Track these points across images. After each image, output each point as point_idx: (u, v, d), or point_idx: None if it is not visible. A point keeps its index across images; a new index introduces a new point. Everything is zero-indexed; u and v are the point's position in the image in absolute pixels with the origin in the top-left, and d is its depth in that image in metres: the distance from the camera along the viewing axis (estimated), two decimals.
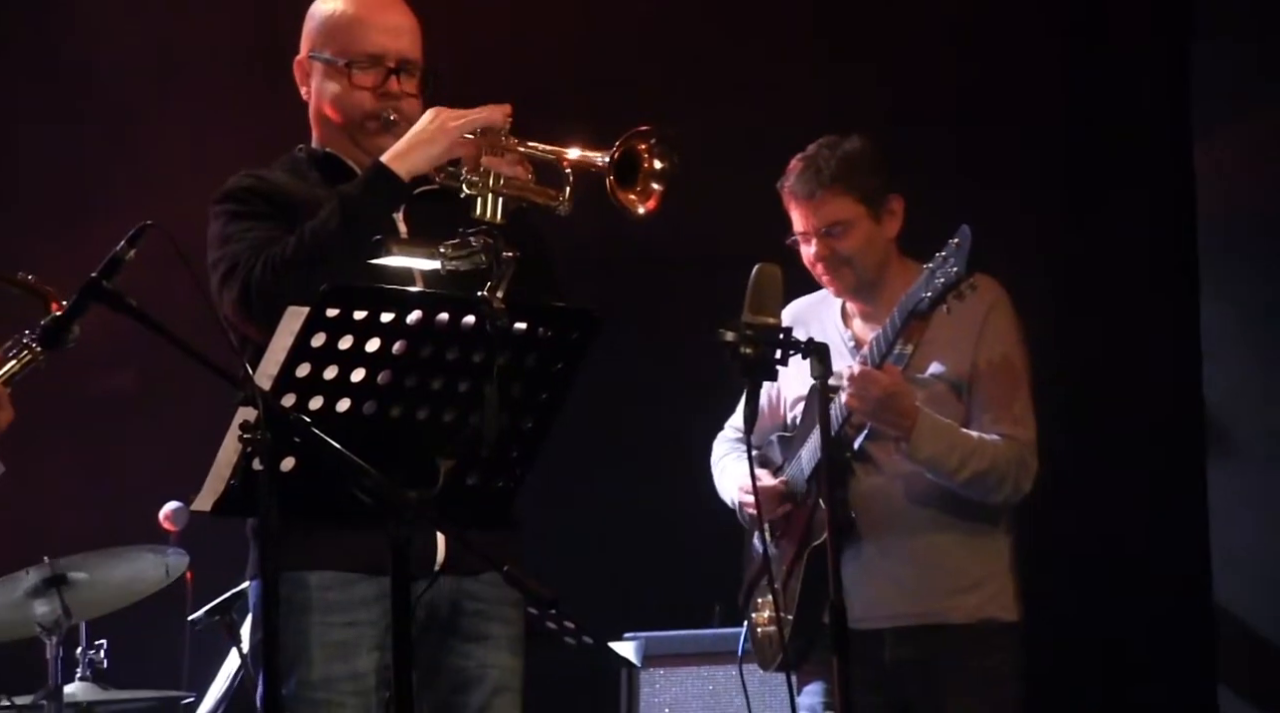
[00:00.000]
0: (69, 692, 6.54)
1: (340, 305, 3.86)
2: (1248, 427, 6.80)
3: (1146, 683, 7.13)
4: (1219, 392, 6.86)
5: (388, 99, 4.75)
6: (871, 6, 7.49)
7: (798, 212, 5.69)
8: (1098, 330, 7.24)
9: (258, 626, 4.92)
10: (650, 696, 6.69)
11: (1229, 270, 6.90)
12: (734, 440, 5.96)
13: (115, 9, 7.63)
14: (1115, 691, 7.16)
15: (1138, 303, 7.21)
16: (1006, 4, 7.42)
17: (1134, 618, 7.14)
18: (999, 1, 7.42)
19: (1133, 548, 7.15)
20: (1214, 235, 6.93)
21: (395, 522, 3.84)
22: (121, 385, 7.33)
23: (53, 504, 7.23)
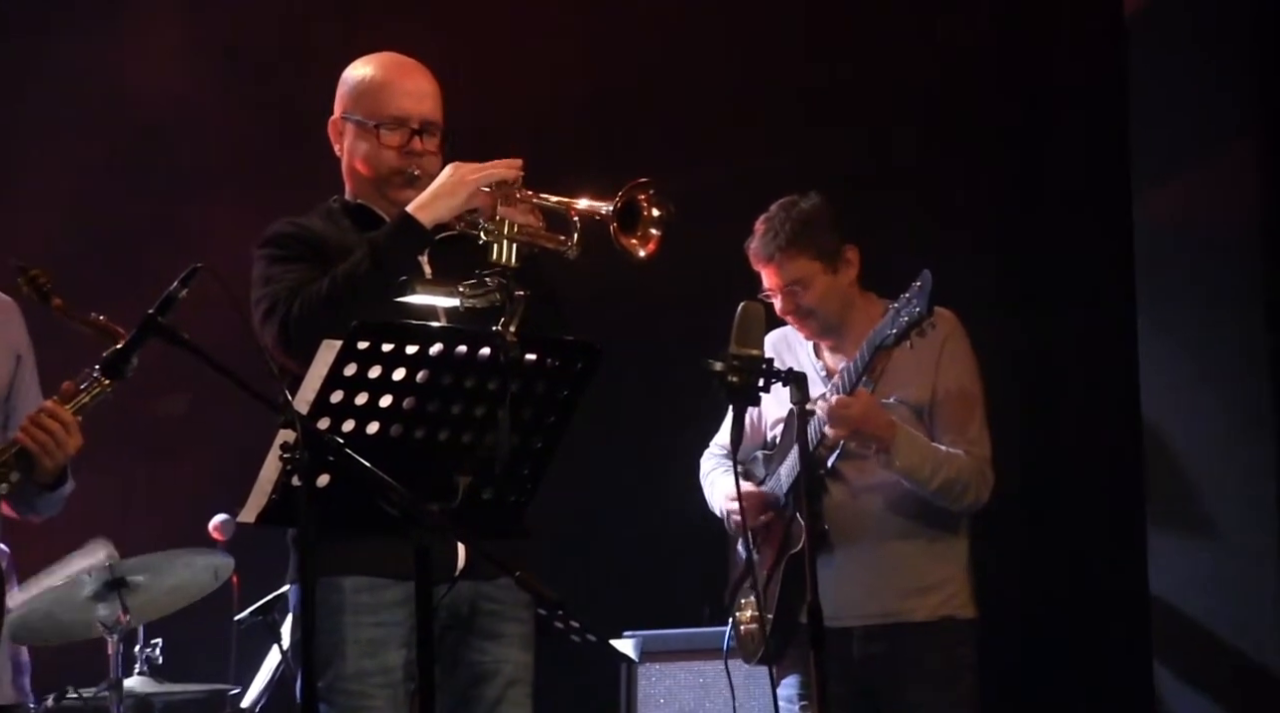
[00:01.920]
0: (128, 685, 6.51)
1: (370, 339, 3.86)
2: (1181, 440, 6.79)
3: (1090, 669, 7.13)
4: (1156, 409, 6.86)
5: (412, 157, 4.76)
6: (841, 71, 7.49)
7: (763, 271, 5.72)
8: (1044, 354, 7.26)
9: (297, 625, 4.93)
10: (647, 687, 6.68)
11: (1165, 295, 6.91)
12: (720, 456, 5.96)
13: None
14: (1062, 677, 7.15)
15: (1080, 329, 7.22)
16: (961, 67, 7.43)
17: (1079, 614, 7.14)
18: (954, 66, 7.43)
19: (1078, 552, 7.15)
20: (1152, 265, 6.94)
21: (419, 532, 3.85)
22: (174, 409, 7.32)
23: (113, 515, 7.21)
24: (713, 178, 7.04)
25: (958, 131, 7.41)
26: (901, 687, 5.61)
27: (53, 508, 4.56)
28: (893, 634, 5.61)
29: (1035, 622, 7.08)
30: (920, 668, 5.59)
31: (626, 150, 7.07)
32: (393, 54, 4.89)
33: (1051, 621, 7.16)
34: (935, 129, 7.41)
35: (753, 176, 6.87)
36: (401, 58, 4.88)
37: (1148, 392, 6.82)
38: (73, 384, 4.36)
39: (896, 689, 5.61)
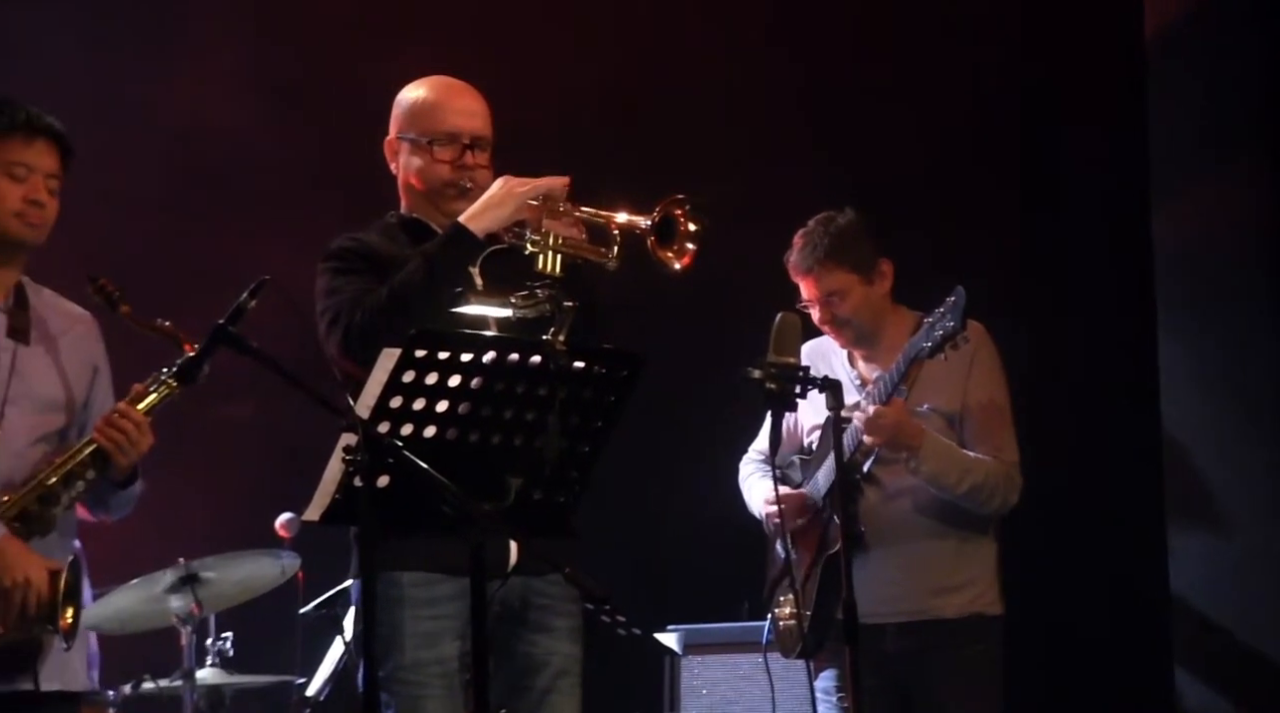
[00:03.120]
0: (201, 676, 6.53)
1: (427, 347, 3.86)
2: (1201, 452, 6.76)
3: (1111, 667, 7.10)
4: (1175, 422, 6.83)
5: (463, 171, 4.77)
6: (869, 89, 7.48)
7: (801, 283, 5.71)
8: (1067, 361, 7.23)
9: (358, 618, 4.93)
10: (689, 679, 6.67)
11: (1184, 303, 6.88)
12: (758, 462, 5.95)
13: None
14: (1084, 673, 7.12)
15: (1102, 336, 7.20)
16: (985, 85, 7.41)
17: (1101, 612, 7.12)
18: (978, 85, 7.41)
19: (1100, 553, 7.13)
20: (1171, 280, 6.92)
21: (473, 531, 3.84)
22: (243, 413, 7.33)
23: (187, 514, 7.23)
24: (748, 192, 7.03)
25: (981, 148, 7.40)
26: (932, 680, 5.59)
27: (125, 507, 4.57)
28: (924, 630, 5.59)
29: (1059, 620, 7.05)
30: (950, 663, 5.57)
31: (663, 163, 7.04)
32: (443, 77, 4.90)
33: (1075, 619, 7.14)
34: (959, 145, 7.40)
35: (786, 191, 6.86)
36: (452, 79, 4.89)
37: (1167, 396, 6.80)
38: (142, 386, 4.38)
39: (927, 683, 5.60)
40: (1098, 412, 7.22)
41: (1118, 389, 7.21)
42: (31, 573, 4.23)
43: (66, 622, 4.26)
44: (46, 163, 4.44)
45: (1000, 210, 7.40)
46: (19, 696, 4.32)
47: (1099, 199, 7.27)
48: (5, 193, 4.39)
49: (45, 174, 4.43)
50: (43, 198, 4.43)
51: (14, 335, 4.44)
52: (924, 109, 7.43)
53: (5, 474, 4.33)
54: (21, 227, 4.41)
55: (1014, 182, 7.43)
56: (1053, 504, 6.72)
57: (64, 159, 4.49)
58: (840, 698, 5.62)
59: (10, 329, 4.44)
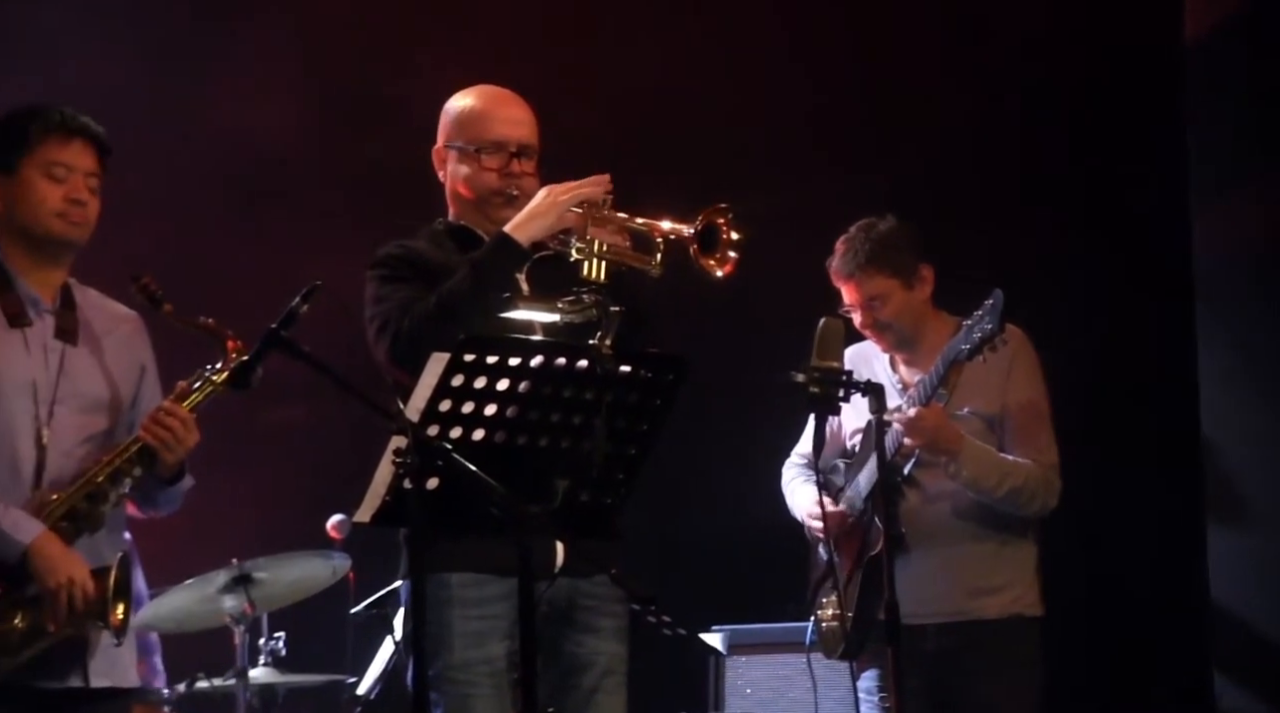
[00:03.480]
0: (254, 675, 6.54)
1: (475, 352, 3.86)
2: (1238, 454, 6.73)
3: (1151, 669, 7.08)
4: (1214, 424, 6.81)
5: (510, 178, 4.76)
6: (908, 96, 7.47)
7: (843, 288, 5.71)
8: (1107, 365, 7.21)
9: (408, 618, 4.92)
10: (734, 678, 6.67)
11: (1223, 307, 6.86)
12: (800, 466, 5.93)
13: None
14: (1123, 675, 7.10)
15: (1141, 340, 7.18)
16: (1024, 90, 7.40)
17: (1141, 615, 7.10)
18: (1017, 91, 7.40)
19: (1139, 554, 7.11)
20: (1211, 284, 6.89)
21: (521, 532, 3.84)
22: (295, 417, 7.35)
23: (240, 516, 7.25)
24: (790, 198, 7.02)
25: (1023, 152, 7.38)
26: (972, 681, 5.57)
27: (172, 503, 4.57)
28: (965, 631, 5.57)
29: (1099, 622, 7.03)
30: (990, 663, 5.56)
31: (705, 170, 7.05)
32: (490, 86, 4.89)
33: (1114, 621, 7.11)
34: (1001, 150, 7.38)
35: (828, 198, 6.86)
36: (499, 89, 4.88)
37: (1206, 400, 6.77)
38: (186, 384, 4.38)
39: (967, 683, 5.58)
40: (1137, 414, 7.19)
41: (1157, 391, 7.18)
42: (75, 572, 4.23)
43: (118, 618, 4.26)
44: (85, 162, 4.43)
45: (1041, 214, 7.37)
46: (70, 692, 4.33)
47: (1139, 202, 7.24)
48: (46, 194, 4.39)
49: (85, 173, 4.42)
50: (83, 196, 4.41)
51: (61, 336, 4.43)
52: (965, 115, 7.40)
53: (54, 473, 4.34)
54: (65, 226, 4.40)
55: (1055, 185, 7.40)
56: (1093, 506, 6.70)
57: (102, 158, 4.47)
58: (882, 698, 5.60)
59: (58, 330, 4.44)
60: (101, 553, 4.34)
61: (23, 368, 4.36)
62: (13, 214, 4.42)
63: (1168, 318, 7.09)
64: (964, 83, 7.41)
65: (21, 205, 4.40)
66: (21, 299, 4.41)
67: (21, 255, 4.43)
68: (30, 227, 4.41)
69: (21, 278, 4.42)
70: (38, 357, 4.39)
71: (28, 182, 4.39)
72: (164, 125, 7.41)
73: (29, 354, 4.38)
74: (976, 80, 7.40)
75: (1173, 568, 7.00)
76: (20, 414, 4.34)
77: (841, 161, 7.35)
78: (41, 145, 4.39)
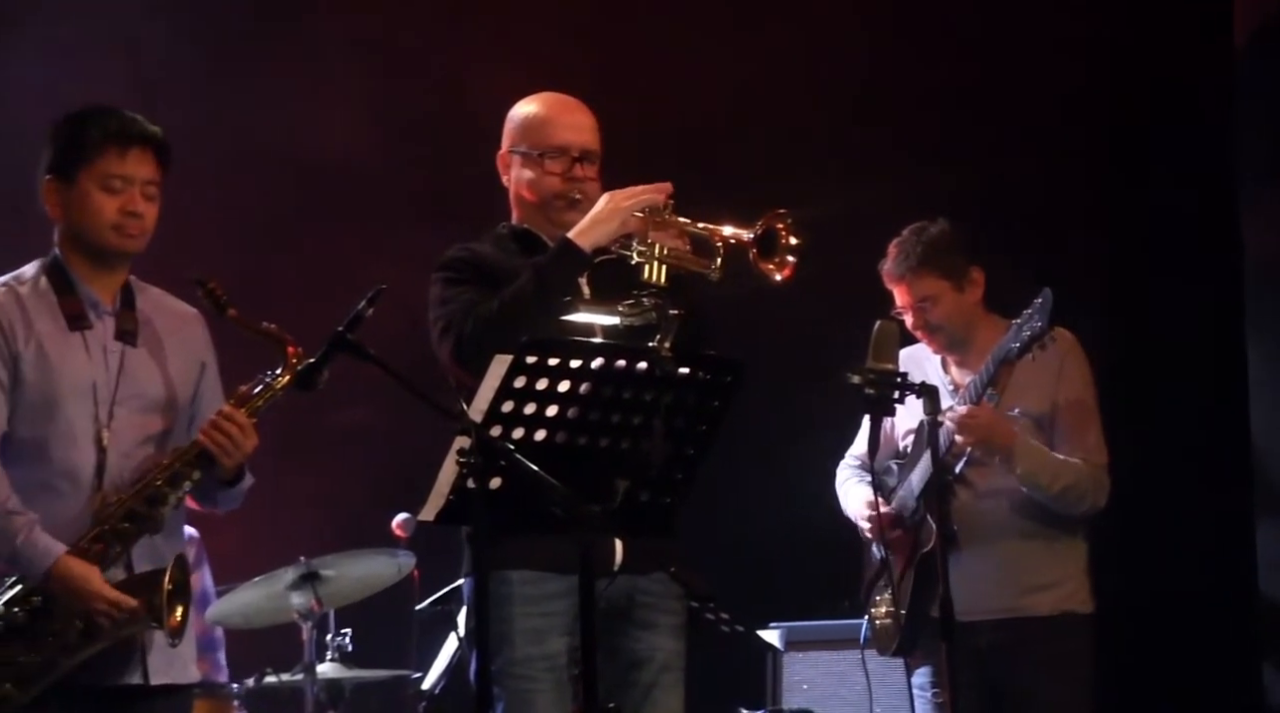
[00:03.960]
0: (321, 670, 6.53)
1: (537, 354, 3.85)
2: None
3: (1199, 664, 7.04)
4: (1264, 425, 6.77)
5: (573, 182, 4.75)
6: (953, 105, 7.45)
7: (895, 289, 5.70)
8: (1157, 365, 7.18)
9: (471, 615, 4.93)
10: (790, 674, 6.66)
11: (1273, 306, 6.81)
12: (854, 467, 5.93)
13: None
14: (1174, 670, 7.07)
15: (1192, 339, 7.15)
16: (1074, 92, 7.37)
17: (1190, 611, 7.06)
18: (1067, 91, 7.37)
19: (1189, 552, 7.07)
20: (1260, 283, 6.85)
21: (581, 531, 3.82)
22: (361, 418, 7.35)
23: (308, 515, 7.27)
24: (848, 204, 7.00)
25: (1070, 155, 7.35)
26: (1023, 676, 5.55)
27: (232, 502, 4.56)
28: (1016, 627, 5.55)
29: (1149, 619, 6.99)
30: (1042, 659, 5.53)
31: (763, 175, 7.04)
32: (554, 93, 4.89)
33: (1164, 618, 7.07)
34: (1048, 151, 7.36)
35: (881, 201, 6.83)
36: (562, 95, 4.89)
37: (1256, 399, 6.74)
38: (247, 388, 4.37)
39: (1019, 679, 5.56)
40: (1187, 415, 7.16)
41: (1207, 392, 7.15)
42: (93, 596, 4.20)
43: (175, 621, 4.25)
44: (143, 171, 4.38)
45: (1090, 216, 7.35)
46: (129, 689, 4.33)
47: (1188, 204, 7.21)
48: (101, 206, 4.35)
49: (142, 182, 4.38)
50: (139, 208, 4.37)
51: (121, 337, 4.41)
52: (1014, 118, 7.39)
53: (114, 475, 4.32)
54: (119, 238, 4.37)
55: (1104, 188, 7.37)
56: (1143, 506, 6.67)
57: (162, 162, 4.42)
58: (935, 694, 5.59)
59: (118, 331, 4.42)
60: (161, 554, 4.34)
61: (83, 371, 4.35)
62: (71, 222, 4.40)
63: (1217, 319, 7.05)
64: (1012, 85, 7.38)
65: (78, 215, 4.38)
66: (82, 302, 4.40)
67: (81, 260, 4.41)
68: (86, 237, 4.38)
69: (82, 281, 4.41)
70: (98, 359, 4.38)
71: (85, 193, 4.36)
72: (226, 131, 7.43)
73: (89, 357, 4.37)
74: (1024, 81, 7.37)
75: (1222, 565, 6.97)
76: (80, 417, 4.33)
77: (895, 165, 7.32)
78: (99, 157, 4.35)
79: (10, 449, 4.31)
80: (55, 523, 4.26)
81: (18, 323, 4.34)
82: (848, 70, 7.48)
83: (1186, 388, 7.18)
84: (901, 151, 7.40)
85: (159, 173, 4.41)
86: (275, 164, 7.55)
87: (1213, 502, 7.02)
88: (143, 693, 4.34)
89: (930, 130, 7.41)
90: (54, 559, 4.19)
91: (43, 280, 4.41)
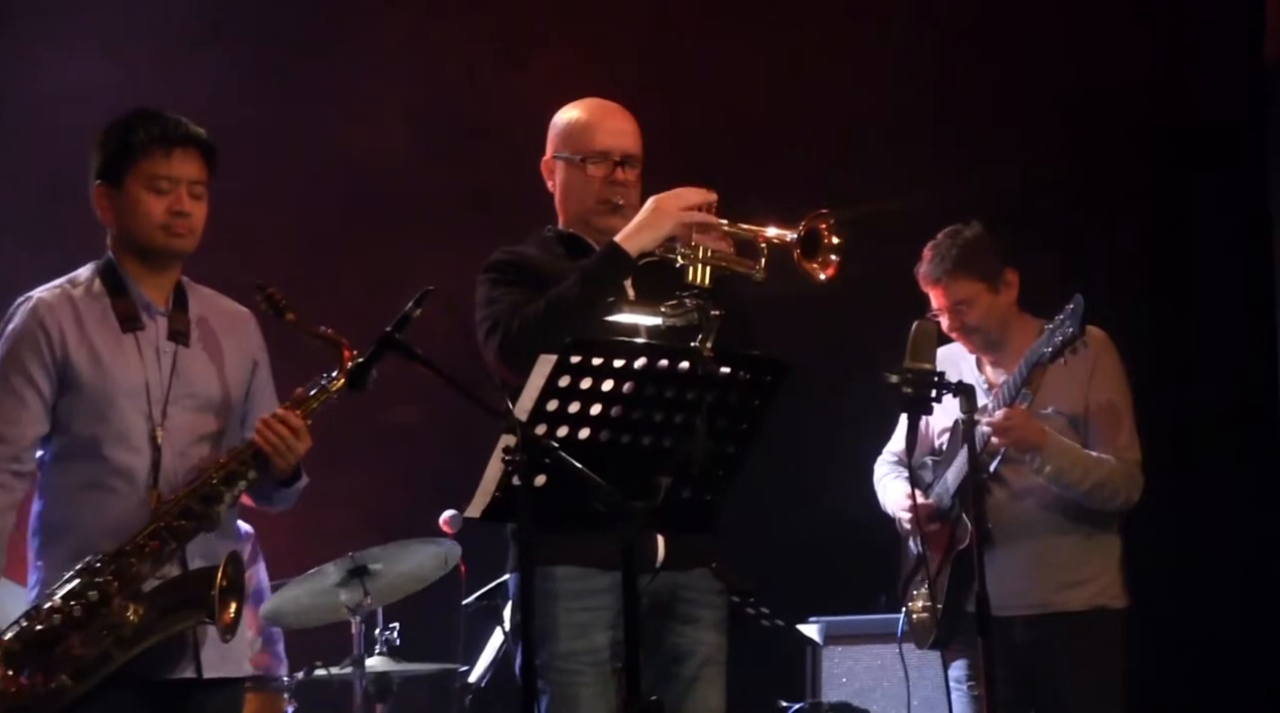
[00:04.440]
0: (370, 663, 6.54)
1: (582, 353, 3.84)
2: None
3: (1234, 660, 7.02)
4: None
5: (615, 186, 4.76)
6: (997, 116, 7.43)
7: (931, 292, 5.69)
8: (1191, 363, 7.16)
9: (516, 609, 4.92)
10: (830, 668, 6.67)
11: None
12: (892, 463, 5.92)
13: None
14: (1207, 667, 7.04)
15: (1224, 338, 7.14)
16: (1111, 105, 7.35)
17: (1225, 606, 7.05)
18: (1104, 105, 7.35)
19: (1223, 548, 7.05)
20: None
21: (624, 527, 3.81)
22: (409, 416, 7.36)
23: (356, 511, 7.29)
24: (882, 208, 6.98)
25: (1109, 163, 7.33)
26: (1056, 670, 5.54)
27: (287, 501, 4.57)
28: (1050, 622, 5.54)
29: (1183, 615, 6.96)
30: (1075, 653, 5.52)
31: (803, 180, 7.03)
32: (596, 99, 4.90)
33: (1198, 614, 7.05)
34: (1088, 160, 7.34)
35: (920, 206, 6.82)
36: (604, 101, 4.89)
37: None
38: (303, 390, 4.37)
39: (1053, 672, 5.55)
40: (1221, 414, 7.15)
41: (1240, 393, 7.14)
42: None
43: (228, 617, 4.25)
44: (188, 171, 4.38)
45: (1127, 224, 7.34)
46: (183, 683, 4.33)
47: (1222, 210, 7.20)
48: (150, 208, 4.36)
49: (188, 182, 4.37)
50: (186, 207, 4.37)
51: (174, 337, 4.42)
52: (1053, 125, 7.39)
53: (169, 473, 4.33)
54: (168, 238, 4.38)
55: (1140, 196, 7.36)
56: (1179, 503, 6.67)
57: (208, 161, 4.41)
58: (971, 687, 5.58)
59: (170, 332, 4.42)
60: (216, 551, 4.34)
61: (135, 372, 4.35)
62: (122, 226, 4.41)
63: (1250, 322, 7.03)
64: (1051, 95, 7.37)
65: (129, 218, 4.38)
66: (135, 304, 4.40)
67: (134, 263, 4.42)
68: (137, 239, 4.39)
69: (136, 283, 4.42)
70: (150, 360, 4.38)
71: (133, 196, 4.36)
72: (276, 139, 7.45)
73: (141, 358, 4.37)
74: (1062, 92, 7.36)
75: (1257, 562, 6.94)
76: (135, 417, 4.33)
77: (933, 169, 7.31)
78: (144, 158, 4.35)
79: (66, 449, 4.33)
80: (111, 521, 4.27)
81: (69, 326, 4.35)
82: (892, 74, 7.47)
83: (1222, 390, 7.17)
84: (939, 157, 7.39)
85: (205, 173, 4.41)
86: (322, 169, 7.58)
87: (1249, 501, 7.01)
88: (196, 687, 4.35)
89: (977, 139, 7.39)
90: None
91: (96, 283, 4.42)
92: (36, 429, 4.32)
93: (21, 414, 4.30)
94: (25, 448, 4.32)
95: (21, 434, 4.31)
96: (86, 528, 4.28)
